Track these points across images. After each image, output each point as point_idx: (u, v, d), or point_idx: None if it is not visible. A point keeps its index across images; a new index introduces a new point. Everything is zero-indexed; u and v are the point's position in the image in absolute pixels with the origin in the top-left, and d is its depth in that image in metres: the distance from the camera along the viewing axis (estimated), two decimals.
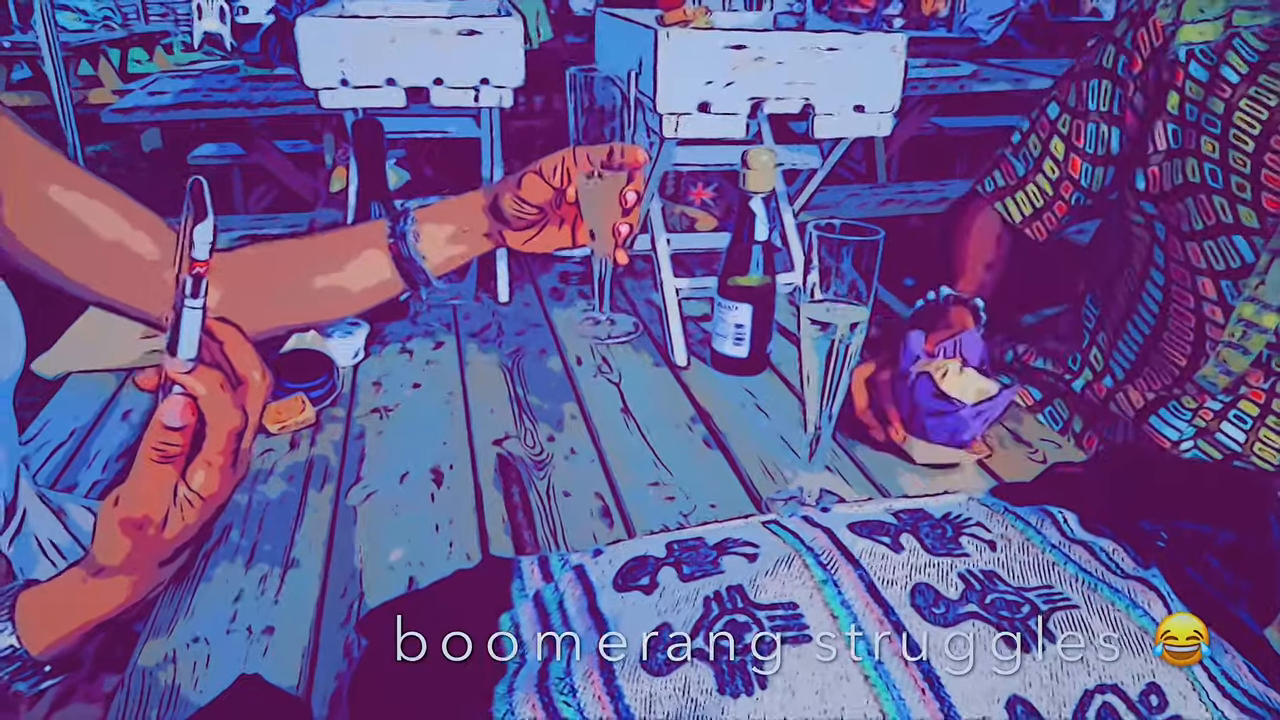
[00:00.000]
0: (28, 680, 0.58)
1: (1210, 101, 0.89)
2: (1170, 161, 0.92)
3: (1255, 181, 0.86)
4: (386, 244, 0.84)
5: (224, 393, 0.54)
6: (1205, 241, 0.91)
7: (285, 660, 0.65)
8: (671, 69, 0.99)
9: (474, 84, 1.18)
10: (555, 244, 0.85)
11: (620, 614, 0.59)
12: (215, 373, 0.54)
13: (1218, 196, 0.88)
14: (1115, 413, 1.02)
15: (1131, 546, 0.63)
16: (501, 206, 0.81)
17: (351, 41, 1.13)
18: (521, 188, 0.79)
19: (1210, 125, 0.89)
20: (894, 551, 0.60)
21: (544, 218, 0.83)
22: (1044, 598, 0.57)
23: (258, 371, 0.56)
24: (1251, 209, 0.87)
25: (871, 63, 1.05)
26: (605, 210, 0.80)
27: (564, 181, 0.79)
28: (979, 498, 0.73)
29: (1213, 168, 0.88)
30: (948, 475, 0.89)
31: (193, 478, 0.55)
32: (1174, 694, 0.52)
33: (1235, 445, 0.95)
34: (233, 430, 0.54)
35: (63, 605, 0.59)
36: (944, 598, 0.57)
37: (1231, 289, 0.90)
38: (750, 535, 0.66)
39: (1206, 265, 0.91)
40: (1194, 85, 0.91)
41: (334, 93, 1.15)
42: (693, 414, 1.01)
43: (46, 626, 0.58)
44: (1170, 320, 0.97)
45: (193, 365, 0.53)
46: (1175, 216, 0.93)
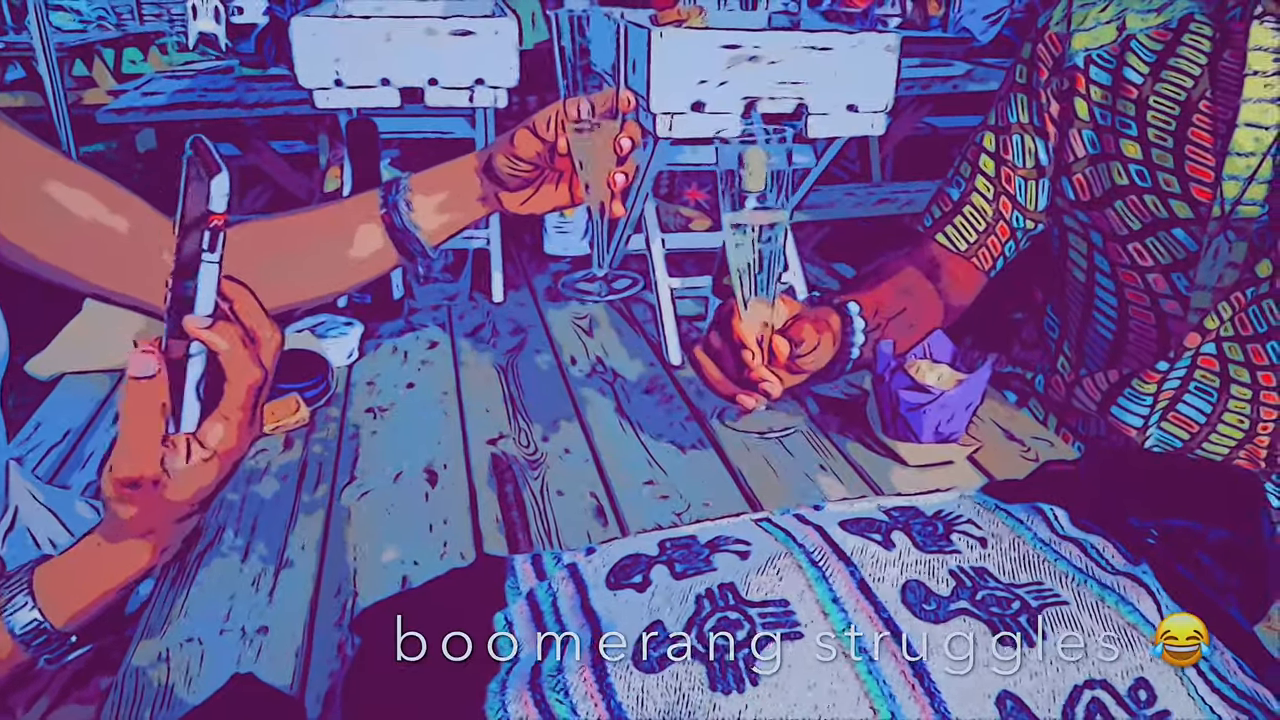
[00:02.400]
0: (54, 652, 0.58)
1: (1120, 104, 0.92)
2: (1094, 167, 0.94)
3: (1181, 174, 0.88)
4: (379, 215, 0.82)
5: (244, 348, 0.54)
6: (1147, 239, 0.93)
7: (279, 660, 0.65)
8: (665, 68, 1.00)
9: (469, 84, 1.19)
10: (553, 203, 0.83)
11: (613, 612, 0.59)
12: (235, 327, 0.54)
13: (1149, 195, 0.91)
14: (1078, 408, 1.03)
15: (1122, 543, 0.63)
16: (495, 167, 0.79)
17: (346, 41, 1.13)
18: (514, 144, 0.77)
19: (1125, 128, 0.91)
20: (885, 549, 0.61)
21: (540, 175, 0.81)
22: (1034, 594, 0.58)
23: (268, 328, 0.56)
24: (1183, 201, 0.89)
25: (865, 62, 1.06)
26: (599, 160, 0.77)
27: (556, 134, 0.77)
28: (971, 495, 0.73)
29: (1139, 168, 0.91)
30: (941, 473, 0.90)
31: (210, 433, 0.54)
32: (1163, 689, 0.52)
33: (1200, 417, 0.96)
34: (253, 384, 0.55)
35: (83, 574, 0.58)
36: (935, 594, 0.57)
37: (1183, 279, 0.92)
38: (742, 533, 0.66)
39: (1154, 262, 0.93)
40: (1098, 89, 0.94)
41: (328, 93, 1.15)
42: (686, 413, 1.02)
43: (68, 597, 0.58)
44: (1130, 321, 0.98)
45: (211, 321, 0.53)
46: (1108, 222, 0.95)
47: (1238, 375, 0.93)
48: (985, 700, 0.51)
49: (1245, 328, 0.90)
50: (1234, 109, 0.85)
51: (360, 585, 0.73)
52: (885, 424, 0.92)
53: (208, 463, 0.55)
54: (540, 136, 0.77)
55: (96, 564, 0.58)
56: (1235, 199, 0.86)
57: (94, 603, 0.58)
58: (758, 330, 0.79)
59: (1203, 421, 0.96)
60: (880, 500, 0.72)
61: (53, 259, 0.74)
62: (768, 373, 0.79)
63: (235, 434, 0.55)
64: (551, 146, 0.77)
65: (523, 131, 0.77)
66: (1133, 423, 0.98)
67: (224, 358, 0.54)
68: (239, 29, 3.50)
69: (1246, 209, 0.86)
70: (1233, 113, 0.85)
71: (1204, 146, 0.87)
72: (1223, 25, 0.87)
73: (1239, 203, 0.86)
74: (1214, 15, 0.88)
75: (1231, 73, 0.85)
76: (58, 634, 0.57)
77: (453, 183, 0.83)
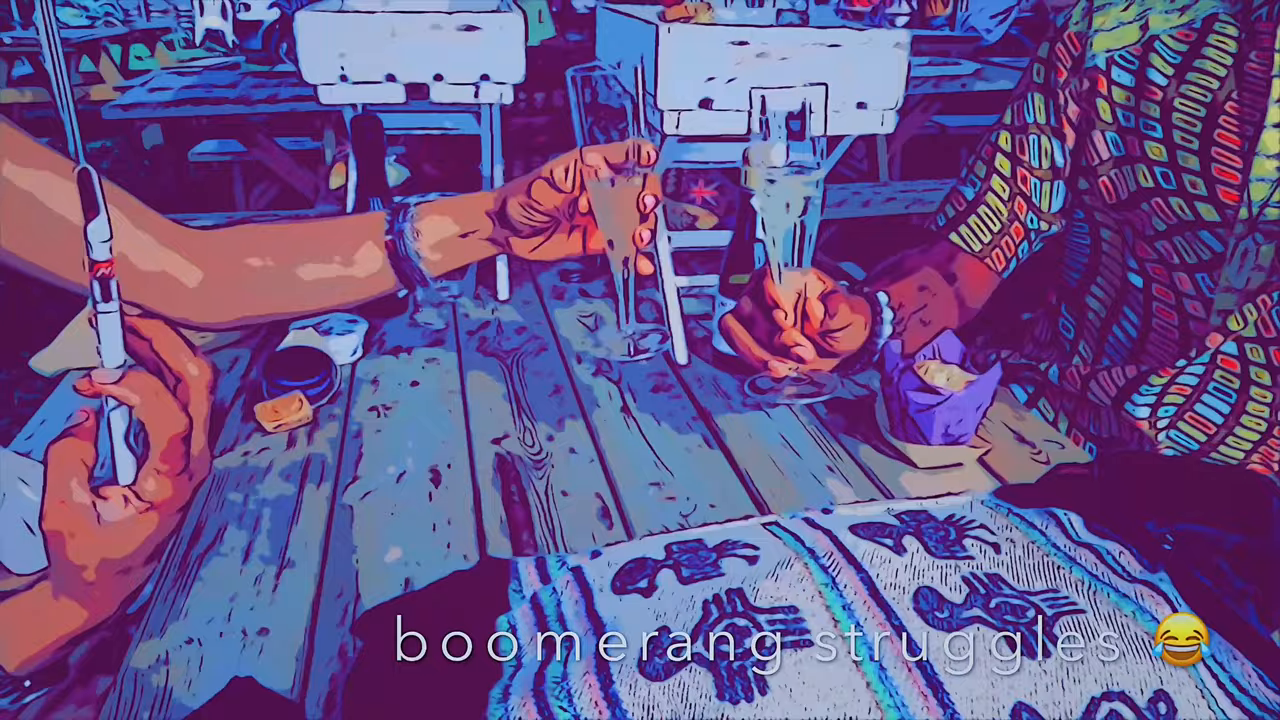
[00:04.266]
0: (8, 696, 0.57)
1: (1144, 106, 0.90)
2: (1119, 170, 0.93)
3: (1207, 177, 0.87)
4: (383, 240, 0.80)
5: (160, 398, 0.51)
6: (1175, 238, 0.92)
7: (280, 662, 0.64)
8: (672, 65, 0.99)
9: (474, 80, 1.18)
10: (564, 252, 0.81)
11: (618, 616, 0.58)
12: (147, 377, 0.52)
13: (1174, 198, 0.89)
14: (1094, 401, 1.01)
15: (1138, 549, 0.62)
16: (509, 213, 0.77)
17: (351, 36, 1.13)
18: (531, 194, 0.75)
19: (1149, 129, 0.90)
20: (896, 554, 0.60)
21: (553, 224, 0.79)
22: (1049, 602, 0.56)
23: (193, 364, 0.53)
24: (1209, 203, 0.88)
25: (875, 60, 1.04)
26: (623, 217, 0.76)
27: (576, 188, 0.75)
28: (982, 499, 0.72)
29: (1163, 170, 0.90)
30: (951, 476, 0.88)
31: (144, 486, 0.52)
32: (1183, 702, 0.51)
33: (1218, 418, 0.95)
34: (176, 435, 0.52)
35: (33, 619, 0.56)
36: (947, 601, 0.56)
37: (1207, 281, 0.91)
38: (750, 537, 0.65)
39: (1180, 261, 0.92)
40: (1120, 90, 0.92)
41: (333, 88, 1.15)
42: (693, 413, 1.01)
43: (19, 642, 0.56)
44: (1154, 320, 0.97)
45: (122, 372, 0.51)
46: (1139, 221, 0.94)
47: (1258, 377, 0.92)
48: (1000, 712, 0.50)
49: (1269, 329, 0.89)
50: (1261, 110, 0.83)
51: (363, 586, 0.72)
52: (894, 425, 0.91)
53: (146, 514, 0.53)
54: (559, 188, 0.75)
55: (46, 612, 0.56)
56: (1263, 201, 0.84)
57: (44, 650, 0.56)
58: (791, 298, 0.77)
59: (1220, 422, 0.95)
60: (890, 504, 0.71)
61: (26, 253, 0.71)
62: (800, 336, 0.78)
63: (170, 485, 0.53)
64: (571, 199, 0.75)
65: (540, 182, 0.75)
66: (1141, 414, 0.97)
67: (139, 411, 0.51)
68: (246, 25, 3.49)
69: (1274, 211, 0.84)
70: (1260, 114, 0.83)
71: (1231, 149, 0.85)
72: (1248, 25, 0.85)
73: (1266, 205, 0.84)
74: (1239, 15, 0.87)
75: (1258, 74, 0.84)
76: (10, 678, 0.56)
77: (462, 219, 0.81)
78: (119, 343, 0.51)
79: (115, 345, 0.51)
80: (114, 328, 0.50)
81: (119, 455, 0.54)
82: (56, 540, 0.53)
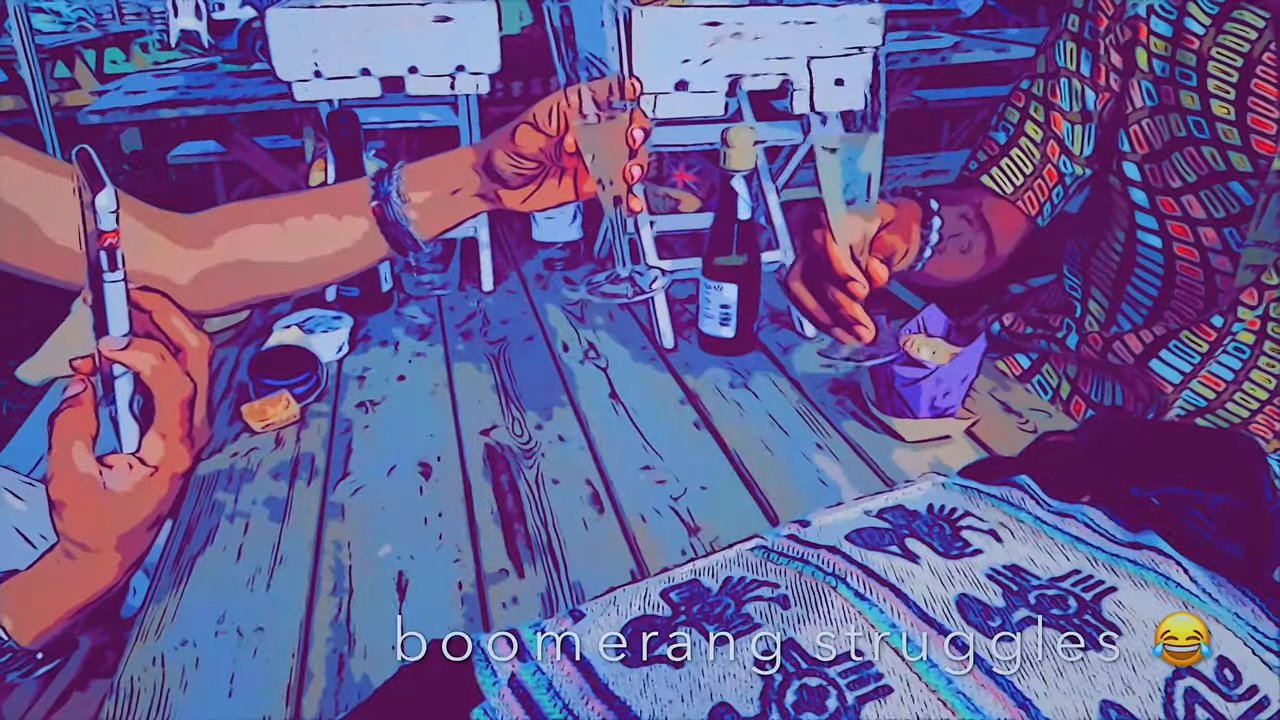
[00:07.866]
0: (21, 670, 0.57)
1: (1180, 54, 0.90)
2: (1153, 119, 0.93)
3: (1243, 126, 0.87)
4: (370, 207, 0.78)
5: (167, 363, 0.53)
6: (1202, 192, 0.92)
7: (275, 660, 0.65)
8: (647, 47, 0.98)
9: (449, 71, 1.17)
10: (556, 199, 0.78)
11: (644, 695, 0.50)
12: (154, 343, 0.53)
13: (1206, 147, 0.89)
14: (1114, 362, 1.02)
15: (1115, 511, 0.62)
16: (495, 164, 0.74)
17: (323, 32, 1.12)
18: (516, 140, 0.72)
19: (1185, 79, 0.90)
20: (911, 561, 0.57)
21: (542, 171, 0.76)
22: (1081, 585, 0.55)
23: (193, 335, 0.55)
24: (1243, 153, 0.88)
25: (849, 35, 1.04)
26: (612, 155, 0.73)
27: (561, 128, 0.71)
28: (947, 484, 0.70)
29: (1196, 119, 0.89)
30: (939, 449, 0.89)
31: (150, 450, 0.54)
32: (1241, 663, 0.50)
33: (1229, 375, 0.95)
34: (183, 400, 0.53)
35: (46, 591, 0.58)
36: (991, 608, 0.54)
37: (1234, 235, 0.91)
38: (752, 570, 0.60)
39: (1206, 215, 0.92)
40: (1158, 40, 0.92)
41: (307, 85, 1.14)
42: (681, 396, 1.01)
43: (33, 614, 0.57)
44: (1177, 277, 0.97)
45: (127, 341, 0.52)
46: (1162, 175, 0.94)
47: (1275, 333, 0.92)
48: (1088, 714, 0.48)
49: None
50: None
51: (356, 581, 0.72)
52: (880, 400, 0.91)
53: (154, 479, 0.54)
54: (543, 131, 0.72)
55: (59, 579, 0.57)
56: None
57: (57, 620, 0.57)
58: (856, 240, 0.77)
59: (1230, 379, 0.95)
60: (862, 504, 0.67)
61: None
62: (863, 314, 0.78)
63: (176, 448, 0.54)
64: (557, 141, 0.72)
65: (524, 126, 0.72)
66: (1170, 377, 0.97)
67: (146, 377, 0.52)
68: (221, 25, 3.47)
69: None
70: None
71: (1268, 99, 0.86)
72: None
73: None
74: None
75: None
76: (23, 651, 0.57)
77: (449, 177, 0.78)
78: (124, 312, 0.52)
79: (121, 314, 0.52)
80: (120, 298, 0.52)
81: (123, 422, 0.55)
82: (62, 510, 0.53)
